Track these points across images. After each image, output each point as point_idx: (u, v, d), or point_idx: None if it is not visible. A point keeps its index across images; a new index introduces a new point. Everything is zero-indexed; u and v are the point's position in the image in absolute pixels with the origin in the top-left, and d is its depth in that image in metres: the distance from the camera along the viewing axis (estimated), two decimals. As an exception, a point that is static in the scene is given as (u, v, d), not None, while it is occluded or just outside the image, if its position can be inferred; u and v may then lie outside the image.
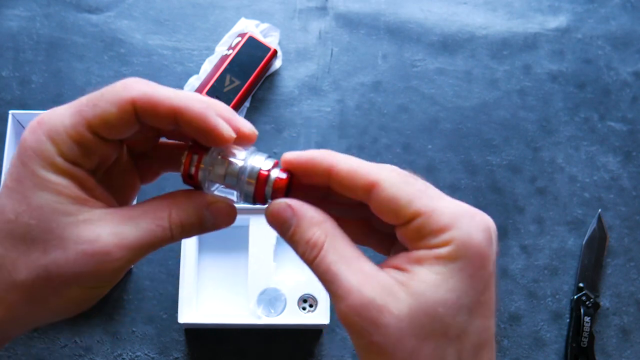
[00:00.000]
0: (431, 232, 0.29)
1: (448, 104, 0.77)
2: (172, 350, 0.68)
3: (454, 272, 0.28)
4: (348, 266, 0.29)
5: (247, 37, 0.74)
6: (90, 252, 0.29)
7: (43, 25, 0.77)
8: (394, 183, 0.30)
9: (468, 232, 0.28)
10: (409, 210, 0.29)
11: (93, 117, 0.30)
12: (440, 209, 0.29)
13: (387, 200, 0.29)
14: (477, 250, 0.28)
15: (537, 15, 0.81)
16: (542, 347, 0.71)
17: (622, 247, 0.74)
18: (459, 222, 0.28)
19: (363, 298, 0.28)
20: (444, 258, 0.28)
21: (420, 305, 0.28)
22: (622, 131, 0.78)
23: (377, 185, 0.30)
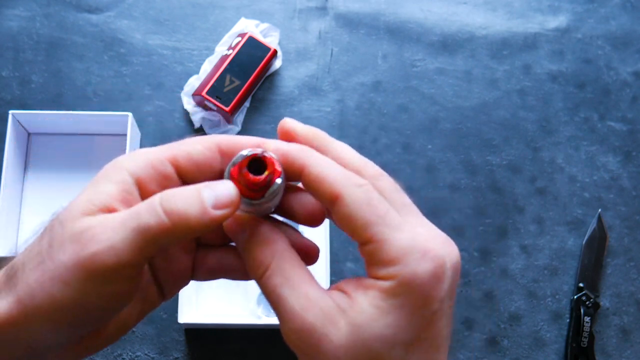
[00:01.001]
0: (379, 262, 0.28)
1: (448, 104, 0.77)
2: (172, 350, 0.68)
3: (392, 309, 0.28)
4: (292, 290, 0.29)
5: (247, 37, 0.74)
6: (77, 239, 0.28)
7: (43, 25, 0.77)
8: (355, 201, 0.29)
9: (413, 270, 0.28)
10: (363, 234, 0.29)
11: (178, 150, 0.31)
12: (392, 241, 0.28)
13: (344, 218, 0.29)
14: (420, 290, 0.28)
15: (537, 15, 0.81)
16: (542, 347, 0.71)
17: (622, 247, 0.74)
18: (406, 259, 0.28)
19: (304, 323, 0.28)
20: (386, 292, 0.28)
21: (358, 337, 0.28)
22: (622, 131, 0.78)
23: (339, 199, 0.29)
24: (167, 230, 0.28)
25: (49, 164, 0.72)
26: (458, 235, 0.73)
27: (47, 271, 0.28)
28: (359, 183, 0.30)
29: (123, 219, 0.28)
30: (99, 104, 0.74)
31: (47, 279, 0.28)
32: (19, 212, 0.70)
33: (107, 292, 0.28)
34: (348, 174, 0.30)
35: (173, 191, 0.28)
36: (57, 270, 0.28)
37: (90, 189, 0.30)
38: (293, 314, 0.29)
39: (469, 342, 0.71)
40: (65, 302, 0.28)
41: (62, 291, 0.28)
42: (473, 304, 0.72)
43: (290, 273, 0.30)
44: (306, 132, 0.32)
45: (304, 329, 0.28)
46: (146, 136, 0.74)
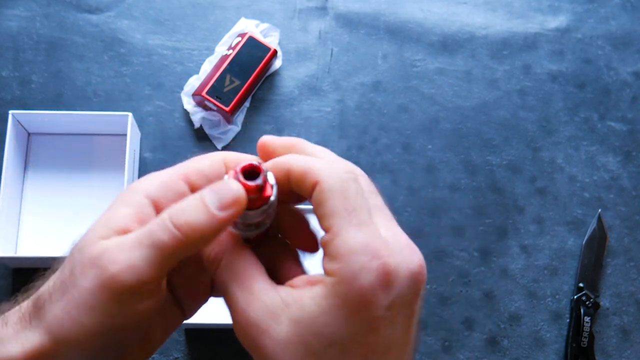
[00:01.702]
0: (329, 255, 0.28)
1: (448, 104, 0.77)
2: (172, 350, 0.68)
3: (332, 308, 0.27)
4: (238, 285, 0.30)
5: (247, 37, 0.74)
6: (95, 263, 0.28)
7: (43, 25, 0.77)
8: (331, 188, 0.29)
9: (354, 272, 0.27)
10: (326, 222, 0.29)
11: (188, 168, 0.31)
12: (345, 236, 0.28)
13: (316, 203, 0.29)
14: (359, 293, 0.27)
15: (537, 15, 0.81)
16: (542, 347, 0.71)
17: (622, 247, 0.74)
18: (350, 258, 0.27)
19: (248, 318, 0.29)
20: (328, 289, 0.28)
21: (297, 332, 0.28)
22: (622, 131, 0.78)
23: (317, 184, 0.29)
24: (181, 243, 0.28)
25: (49, 164, 0.72)
26: (458, 235, 0.73)
27: (72, 299, 0.28)
28: (341, 170, 0.30)
29: (138, 238, 0.28)
30: (99, 104, 0.74)
31: (73, 308, 0.28)
32: (19, 212, 0.70)
33: (132, 311, 0.29)
34: (331, 165, 0.30)
35: (180, 204, 0.29)
36: (81, 297, 0.28)
37: (107, 214, 0.31)
38: (238, 308, 0.29)
39: (469, 342, 0.71)
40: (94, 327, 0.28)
41: (90, 317, 0.28)
42: (473, 304, 0.72)
43: (237, 268, 0.30)
44: (284, 143, 0.33)
45: (247, 324, 0.29)
46: (146, 136, 0.74)
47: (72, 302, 0.28)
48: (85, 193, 0.71)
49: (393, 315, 0.28)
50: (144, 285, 0.28)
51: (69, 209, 0.71)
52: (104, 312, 0.28)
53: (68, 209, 0.71)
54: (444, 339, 0.71)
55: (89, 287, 0.28)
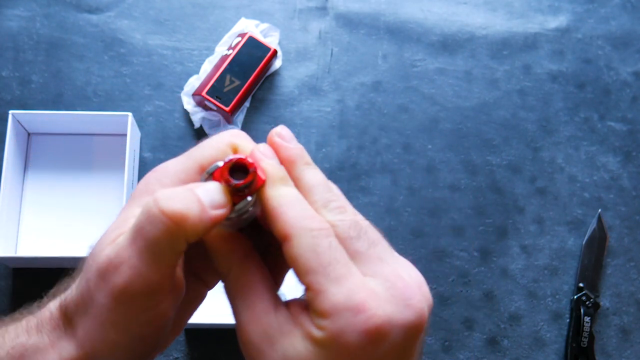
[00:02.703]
0: (314, 311, 0.28)
1: (448, 104, 0.77)
2: (172, 350, 0.68)
3: (320, 358, 0.27)
4: (242, 301, 0.30)
5: (247, 37, 0.74)
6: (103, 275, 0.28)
7: (43, 25, 0.77)
8: (302, 246, 0.28)
9: (341, 329, 0.27)
10: (303, 280, 0.28)
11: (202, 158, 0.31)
12: (326, 294, 0.27)
13: (289, 260, 0.28)
14: (346, 350, 0.27)
15: (537, 15, 0.81)
16: (542, 347, 0.71)
17: (622, 247, 0.74)
18: (337, 316, 0.27)
19: (247, 336, 0.29)
20: (316, 341, 0.27)
21: None
22: (622, 131, 0.78)
23: (287, 241, 0.29)
24: (173, 233, 0.27)
25: (49, 164, 0.72)
26: (458, 235, 0.73)
27: (97, 317, 0.29)
28: (312, 227, 0.28)
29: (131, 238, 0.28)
30: (99, 104, 0.74)
31: (99, 325, 0.29)
32: (19, 212, 0.70)
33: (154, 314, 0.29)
34: (304, 214, 0.29)
35: (166, 192, 0.28)
36: (102, 314, 0.28)
37: (122, 215, 0.30)
38: (239, 324, 0.30)
39: (469, 342, 0.71)
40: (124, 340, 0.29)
41: (117, 333, 0.28)
42: (473, 304, 0.72)
43: (244, 283, 0.30)
44: (287, 155, 0.32)
45: (247, 341, 0.29)
46: (146, 136, 0.74)
47: (97, 320, 0.29)
48: (85, 193, 0.71)
49: None
50: (156, 286, 0.28)
51: (69, 209, 0.71)
52: (128, 325, 0.28)
53: (68, 209, 0.71)
54: (444, 339, 0.71)
55: (105, 303, 0.28)
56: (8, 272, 0.68)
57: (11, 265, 0.68)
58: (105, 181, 0.72)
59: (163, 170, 0.31)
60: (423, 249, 0.73)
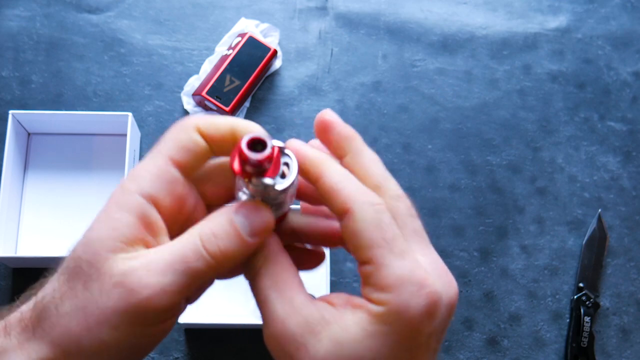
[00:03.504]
0: (374, 285, 0.28)
1: (448, 104, 0.77)
2: (172, 350, 0.68)
3: (378, 334, 0.27)
4: (279, 294, 0.29)
5: (247, 37, 0.74)
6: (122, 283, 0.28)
7: (43, 25, 0.77)
8: (365, 219, 0.28)
9: (406, 301, 0.27)
10: (365, 254, 0.28)
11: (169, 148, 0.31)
12: (390, 267, 0.28)
13: (350, 234, 0.29)
14: (409, 323, 0.27)
15: (537, 15, 0.81)
16: (542, 347, 0.71)
17: (622, 247, 0.74)
18: (400, 289, 0.27)
19: (285, 330, 0.28)
20: (374, 317, 0.27)
21: (336, 353, 0.27)
22: (622, 131, 0.78)
23: (348, 214, 0.29)
24: (214, 269, 0.28)
25: (49, 164, 0.72)
26: (458, 235, 0.73)
27: (92, 316, 0.28)
28: (373, 201, 0.29)
29: (171, 262, 0.28)
30: (99, 104, 0.74)
31: (94, 324, 0.28)
32: (19, 212, 0.70)
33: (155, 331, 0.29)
34: (363, 189, 0.29)
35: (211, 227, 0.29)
36: (104, 315, 0.28)
37: (106, 222, 0.30)
38: (275, 318, 0.29)
39: (469, 342, 0.71)
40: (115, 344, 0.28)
41: (112, 335, 0.28)
42: (473, 304, 0.72)
43: (279, 277, 0.30)
44: (344, 132, 0.32)
45: (284, 336, 0.28)
46: (146, 136, 0.74)
47: (92, 319, 0.28)
48: (85, 193, 0.71)
49: (431, 341, 0.29)
50: (173, 307, 0.28)
51: (69, 209, 0.71)
52: (127, 332, 0.28)
53: (68, 209, 0.71)
54: (444, 339, 0.71)
55: (113, 306, 0.28)
56: (8, 272, 0.68)
57: (11, 265, 0.68)
58: (105, 181, 0.72)
59: (137, 175, 0.30)
60: (423, 249, 0.73)
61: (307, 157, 0.30)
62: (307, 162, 0.30)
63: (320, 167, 0.30)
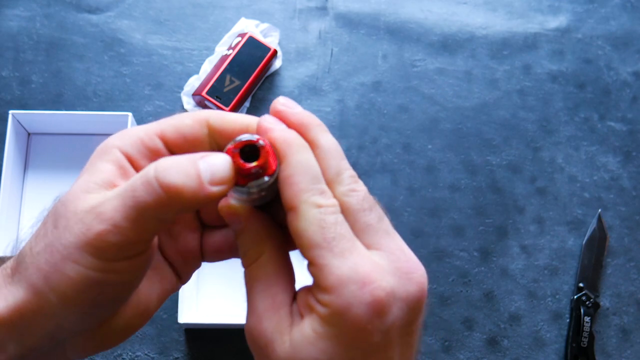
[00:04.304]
0: (318, 287, 0.28)
1: (448, 104, 0.77)
2: (172, 350, 0.68)
3: (327, 336, 0.27)
4: (263, 290, 0.29)
5: (247, 37, 0.74)
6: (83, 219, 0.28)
7: (43, 25, 0.77)
8: (308, 219, 0.28)
9: (347, 302, 0.27)
10: (307, 254, 0.28)
11: (167, 125, 0.31)
12: (331, 268, 0.27)
13: (294, 233, 0.28)
14: (353, 323, 0.27)
15: (537, 15, 0.81)
16: (542, 347, 0.71)
17: (622, 247, 0.74)
18: (341, 290, 0.27)
19: (260, 325, 0.29)
20: (322, 319, 0.27)
21: (294, 355, 0.28)
22: (622, 131, 0.78)
23: (293, 212, 0.28)
24: (165, 205, 0.27)
25: (49, 164, 0.72)
26: (458, 235, 0.73)
27: (57, 252, 0.28)
28: (319, 203, 0.28)
29: (121, 196, 0.28)
30: (99, 104, 0.74)
31: (59, 260, 0.28)
32: (19, 212, 0.70)
33: (117, 268, 0.28)
34: (314, 188, 0.29)
35: (168, 162, 0.27)
36: (67, 250, 0.28)
37: (89, 170, 0.30)
38: (254, 312, 0.29)
39: (469, 342, 0.71)
40: (80, 280, 0.28)
41: (75, 270, 0.28)
42: (473, 304, 0.72)
43: (272, 271, 0.30)
44: (298, 121, 0.31)
45: (257, 330, 0.29)
46: (146, 136, 0.74)
47: (57, 255, 0.28)
48: (85, 193, 0.71)
49: (391, 339, 0.28)
50: (129, 245, 0.28)
51: (69, 209, 0.70)
52: (89, 266, 0.28)
53: (68, 209, 0.70)
54: (444, 339, 0.71)
55: (74, 241, 0.28)
56: (8, 272, 0.68)
57: (11, 265, 0.68)
58: (105, 181, 0.71)
59: (124, 134, 0.31)
60: (423, 249, 0.73)
61: (275, 140, 0.30)
62: (275, 145, 0.30)
63: (284, 152, 0.29)
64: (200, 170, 0.27)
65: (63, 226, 0.28)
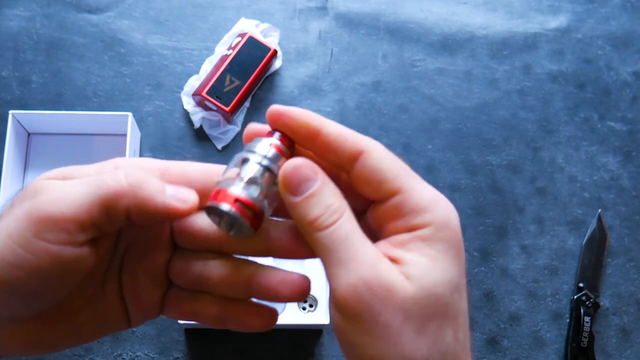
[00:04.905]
0: (412, 211, 0.28)
1: (448, 104, 0.77)
2: (172, 350, 0.68)
3: (440, 254, 0.28)
4: (364, 242, 0.28)
5: (247, 37, 0.74)
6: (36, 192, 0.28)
7: (43, 25, 0.77)
8: (382, 155, 0.29)
9: (447, 216, 0.29)
10: (392, 184, 0.29)
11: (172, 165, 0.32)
12: (422, 190, 0.29)
13: (372, 171, 0.29)
14: (455, 235, 0.29)
15: (537, 15, 0.81)
16: (542, 347, 0.71)
17: (622, 247, 0.74)
18: (438, 206, 0.29)
19: (378, 273, 0.27)
20: (428, 240, 0.28)
21: (422, 286, 0.27)
22: (622, 131, 0.78)
23: (364, 153, 0.29)
24: (122, 194, 0.28)
25: (49, 164, 0.72)
26: (458, 235, 0.73)
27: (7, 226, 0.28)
28: (378, 143, 0.30)
29: (85, 179, 0.29)
30: (99, 104, 0.74)
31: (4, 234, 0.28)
32: (19, 212, 0.70)
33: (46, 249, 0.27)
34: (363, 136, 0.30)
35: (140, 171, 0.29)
36: (7, 223, 0.28)
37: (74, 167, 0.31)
38: (365, 262, 0.27)
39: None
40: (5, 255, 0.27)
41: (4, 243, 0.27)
42: (473, 304, 0.72)
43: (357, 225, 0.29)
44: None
45: (376, 278, 0.27)
46: (146, 136, 0.74)
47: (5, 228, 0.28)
48: (85, 193, 0.71)
49: None
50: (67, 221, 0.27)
51: (69, 209, 0.70)
52: (15, 241, 0.27)
53: (68, 209, 0.70)
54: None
55: (17, 214, 0.28)
56: (8, 272, 0.68)
57: (11, 265, 0.68)
58: (105, 181, 0.71)
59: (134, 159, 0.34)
60: (423, 249, 0.73)
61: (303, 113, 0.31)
62: (305, 119, 0.30)
63: (319, 119, 0.30)
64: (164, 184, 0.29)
65: (19, 202, 0.29)
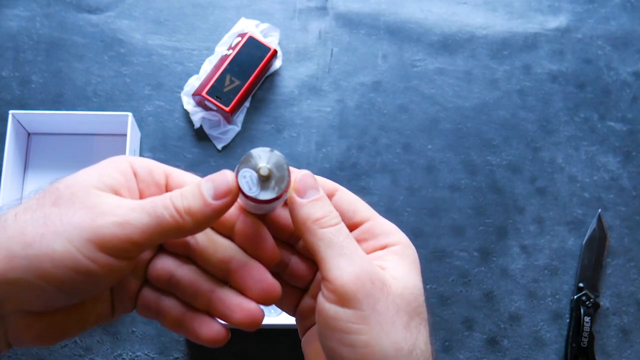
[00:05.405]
0: (382, 233, 0.35)
1: (448, 104, 0.77)
2: (172, 350, 0.68)
3: (410, 266, 0.34)
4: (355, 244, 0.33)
5: (247, 37, 0.74)
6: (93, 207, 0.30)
7: (43, 25, 0.77)
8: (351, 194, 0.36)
9: (407, 239, 0.35)
10: (365, 213, 0.35)
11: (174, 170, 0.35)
12: (384, 220, 0.36)
13: (348, 202, 0.36)
14: (415, 254, 0.35)
15: (537, 15, 0.81)
16: (542, 347, 0.71)
17: (622, 247, 0.74)
18: (399, 232, 0.35)
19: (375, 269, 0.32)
20: (399, 254, 0.34)
21: (406, 287, 0.33)
22: (622, 131, 0.78)
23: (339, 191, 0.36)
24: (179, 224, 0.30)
25: (49, 164, 0.72)
26: (458, 235, 0.73)
27: (52, 225, 0.29)
28: None
29: (142, 204, 0.30)
30: (99, 104, 0.74)
31: (50, 233, 0.29)
32: (19, 212, 0.70)
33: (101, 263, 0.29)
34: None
35: (180, 191, 0.31)
36: (64, 227, 0.29)
37: (98, 170, 0.32)
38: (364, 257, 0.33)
39: (469, 342, 0.71)
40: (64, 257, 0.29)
41: (64, 246, 0.29)
42: (473, 304, 0.72)
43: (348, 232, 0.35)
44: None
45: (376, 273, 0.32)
46: (146, 136, 0.74)
47: (50, 228, 0.29)
48: (85, 193, 0.71)
49: None
50: (129, 244, 0.30)
51: (69, 209, 0.70)
52: (79, 249, 0.29)
53: (68, 209, 0.70)
54: (444, 339, 0.71)
55: (77, 221, 0.29)
56: (8, 272, 0.68)
57: (11, 265, 0.68)
58: (105, 181, 0.71)
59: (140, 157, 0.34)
60: (423, 249, 0.73)
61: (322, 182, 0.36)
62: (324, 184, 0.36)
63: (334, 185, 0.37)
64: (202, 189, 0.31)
65: (66, 207, 0.30)
